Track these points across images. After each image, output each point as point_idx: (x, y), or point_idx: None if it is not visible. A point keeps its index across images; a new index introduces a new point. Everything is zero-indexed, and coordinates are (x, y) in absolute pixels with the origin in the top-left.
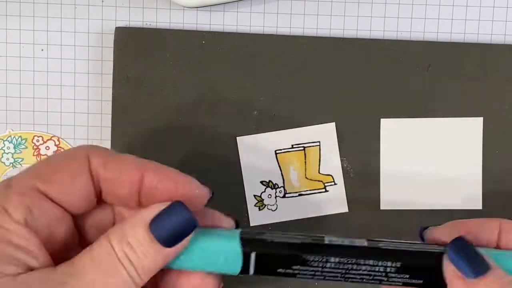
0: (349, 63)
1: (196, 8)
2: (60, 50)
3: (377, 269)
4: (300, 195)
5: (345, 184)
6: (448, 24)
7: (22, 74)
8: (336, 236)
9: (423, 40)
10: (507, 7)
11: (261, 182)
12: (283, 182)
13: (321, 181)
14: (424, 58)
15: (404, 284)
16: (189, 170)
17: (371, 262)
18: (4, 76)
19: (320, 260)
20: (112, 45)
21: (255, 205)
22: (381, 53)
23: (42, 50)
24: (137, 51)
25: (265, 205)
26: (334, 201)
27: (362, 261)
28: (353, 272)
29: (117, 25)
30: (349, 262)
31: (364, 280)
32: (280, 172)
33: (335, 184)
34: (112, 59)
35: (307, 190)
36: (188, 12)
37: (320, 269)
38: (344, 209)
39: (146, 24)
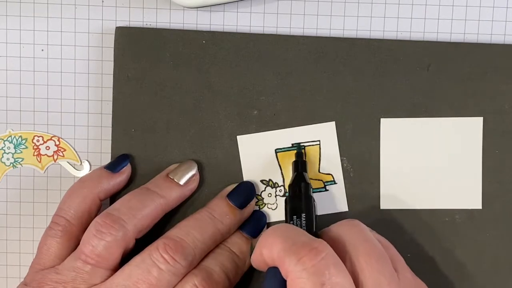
0: (349, 63)
1: (196, 8)
2: (60, 50)
3: None
4: None
5: (345, 183)
6: (448, 24)
7: (22, 74)
8: None
9: (423, 40)
10: (507, 7)
11: (261, 181)
12: (283, 181)
13: (321, 180)
14: (424, 58)
15: None
16: None
17: None
18: (4, 76)
19: None
20: (112, 45)
21: (255, 204)
22: (381, 53)
23: (42, 50)
24: (137, 51)
25: (265, 204)
26: (334, 200)
27: None
28: None
29: (117, 25)
30: None
31: None
32: (280, 171)
33: (335, 183)
34: (112, 59)
35: None
36: (188, 12)
37: None
38: (344, 208)
39: (146, 24)
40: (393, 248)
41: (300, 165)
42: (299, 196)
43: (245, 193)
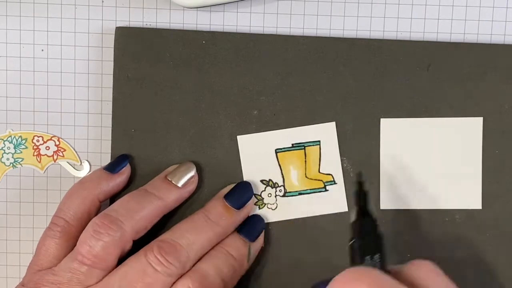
0: (349, 63)
1: (196, 8)
2: (60, 50)
3: None
4: (300, 194)
5: (345, 183)
6: (448, 24)
7: (22, 74)
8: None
9: (423, 40)
10: (507, 7)
11: (261, 181)
12: (283, 181)
13: (321, 180)
14: (424, 58)
15: None
16: None
17: None
18: (4, 76)
19: None
20: (112, 45)
21: (255, 204)
22: (381, 53)
23: (42, 50)
24: (137, 51)
25: (265, 204)
26: (334, 200)
27: None
28: None
29: (117, 25)
30: None
31: None
32: (280, 171)
33: (335, 183)
34: (112, 59)
35: (307, 190)
36: (188, 12)
37: None
38: (344, 208)
39: (146, 24)
40: None
41: (365, 196)
42: (369, 234)
43: (242, 193)
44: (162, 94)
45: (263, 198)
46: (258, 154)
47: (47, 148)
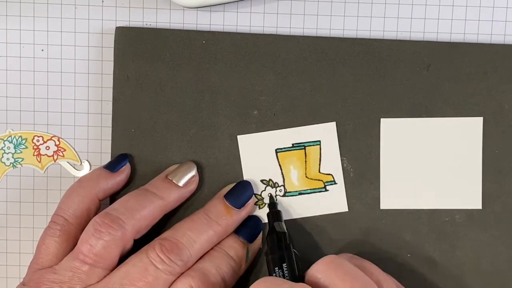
0: (349, 63)
1: (196, 8)
2: (60, 50)
3: None
4: (300, 194)
5: (345, 183)
6: (448, 24)
7: (22, 74)
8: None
9: (423, 40)
10: (507, 7)
11: (262, 180)
12: (284, 181)
13: (321, 180)
14: (424, 58)
15: None
16: None
17: None
18: (4, 76)
19: None
20: (112, 45)
21: (255, 204)
22: (381, 53)
23: (42, 50)
24: (137, 51)
25: (265, 203)
26: (334, 200)
27: None
28: None
29: (117, 25)
30: None
31: None
32: (280, 171)
33: (335, 183)
34: (112, 59)
35: (307, 189)
36: (188, 12)
37: None
38: (344, 208)
39: (146, 24)
40: (378, 271)
41: (273, 215)
42: (278, 247)
43: (242, 193)
44: (162, 94)
45: (263, 198)
46: (258, 154)
47: (47, 148)
